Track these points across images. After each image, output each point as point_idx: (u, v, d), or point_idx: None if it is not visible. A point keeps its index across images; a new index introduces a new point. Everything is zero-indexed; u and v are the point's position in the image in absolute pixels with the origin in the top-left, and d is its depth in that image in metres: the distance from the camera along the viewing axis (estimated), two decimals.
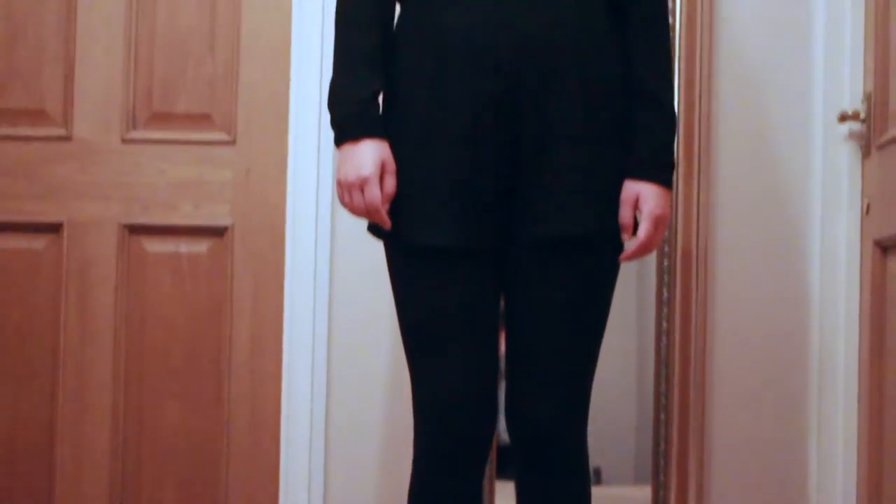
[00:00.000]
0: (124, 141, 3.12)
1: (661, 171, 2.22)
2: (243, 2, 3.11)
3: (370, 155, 2.14)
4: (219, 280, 3.11)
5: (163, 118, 3.13)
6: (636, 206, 2.20)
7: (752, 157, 3.00)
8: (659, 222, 2.20)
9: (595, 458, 2.36)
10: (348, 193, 2.16)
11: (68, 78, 3.13)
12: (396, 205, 2.17)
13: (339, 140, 2.18)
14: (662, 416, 2.97)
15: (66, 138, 3.13)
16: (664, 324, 2.96)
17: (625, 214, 2.21)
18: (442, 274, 2.17)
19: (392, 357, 2.98)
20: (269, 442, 3.08)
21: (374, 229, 2.24)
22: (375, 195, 2.14)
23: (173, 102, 3.14)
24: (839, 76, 2.92)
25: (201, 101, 3.13)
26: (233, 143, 3.11)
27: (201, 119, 3.12)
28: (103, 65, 3.13)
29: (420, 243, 2.17)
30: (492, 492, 2.98)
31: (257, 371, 3.10)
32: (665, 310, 2.96)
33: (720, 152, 2.99)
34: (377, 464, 3.01)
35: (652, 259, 2.97)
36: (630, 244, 2.22)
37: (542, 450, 2.23)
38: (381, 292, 2.79)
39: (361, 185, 2.14)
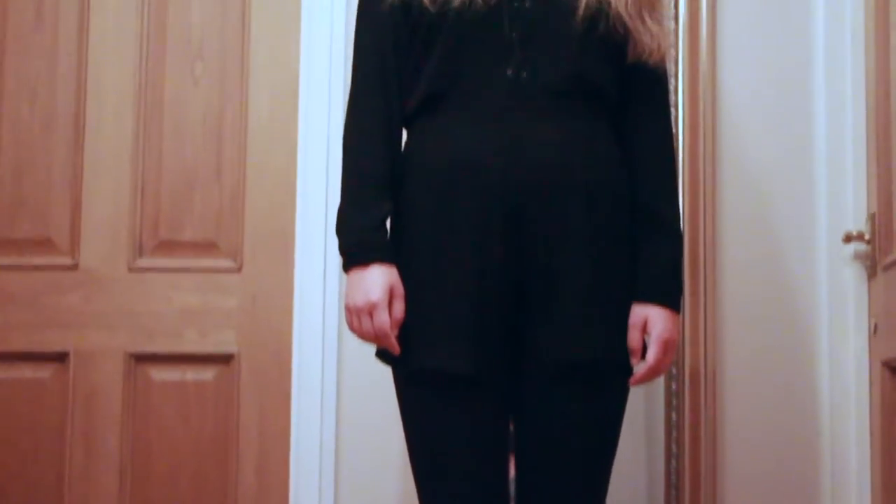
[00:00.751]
0: (131, 269, 3.13)
1: (668, 295, 2.22)
2: (249, 133, 3.14)
3: (379, 280, 2.14)
4: (225, 407, 3.10)
5: (169, 246, 3.15)
6: (644, 329, 2.20)
7: (759, 276, 2.99)
8: (668, 346, 2.20)
9: None
10: (357, 319, 2.16)
11: (75, 207, 3.15)
12: (405, 330, 2.17)
13: (348, 266, 2.19)
14: None
15: (73, 267, 3.13)
16: (673, 447, 2.93)
17: (633, 338, 2.20)
18: (451, 400, 2.16)
19: (402, 483, 2.95)
20: None
21: (383, 355, 2.23)
22: (384, 321, 2.13)
23: (180, 230, 3.15)
24: (843, 196, 2.94)
25: (208, 228, 3.14)
26: (239, 270, 3.12)
27: (208, 247, 3.13)
28: (110, 194, 3.15)
29: (429, 370, 2.16)
30: None
31: (264, 500, 3.06)
32: (674, 433, 2.93)
33: (726, 272, 2.98)
34: None
35: (660, 382, 2.96)
36: (639, 368, 2.22)
37: None
38: (389, 419, 2.77)
39: (370, 310, 2.14)
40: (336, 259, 2.21)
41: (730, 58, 3.02)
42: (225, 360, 3.10)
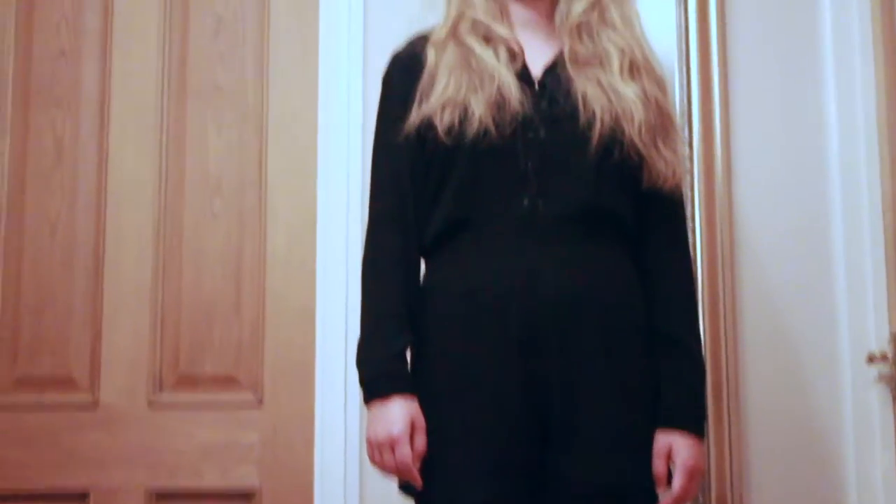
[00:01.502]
0: (151, 405, 3.12)
1: (692, 421, 2.20)
2: (268, 266, 3.15)
3: (400, 413, 2.13)
4: None
5: (189, 381, 3.14)
6: (669, 457, 2.17)
7: (782, 401, 2.96)
8: (693, 474, 2.17)
9: None
10: (378, 452, 2.14)
11: (95, 344, 3.15)
12: (427, 462, 2.14)
13: (369, 398, 2.17)
14: None
15: (93, 405, 3.12)
16: None
17: (658, 466, 2.17)
18: None
19: None
20: None
21: (406, 488, 2.21)
22: (406, 454, 2.11)
23: (200, 365, 3.14)
24: (864, 315, 2.93)
25: (228, 363, 3.13)
26: (259, 404, 3.11)
27: (228, 381, 3.13)
28: (130, 330, 3.15)
29: (453, 502, 2.13)
30: None
31: None
32: None
33: (749, 398, 2.95)
34: None
35: None
36: (665, 496, 2.19)
37: None
38: None
39: (392, 444, 2.12)
40: (357, 390, 2.20)
41: (745, 181, 3.03)
42: (246, 496, 3.07)
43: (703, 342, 2.73)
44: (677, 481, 2.16)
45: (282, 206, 3.17)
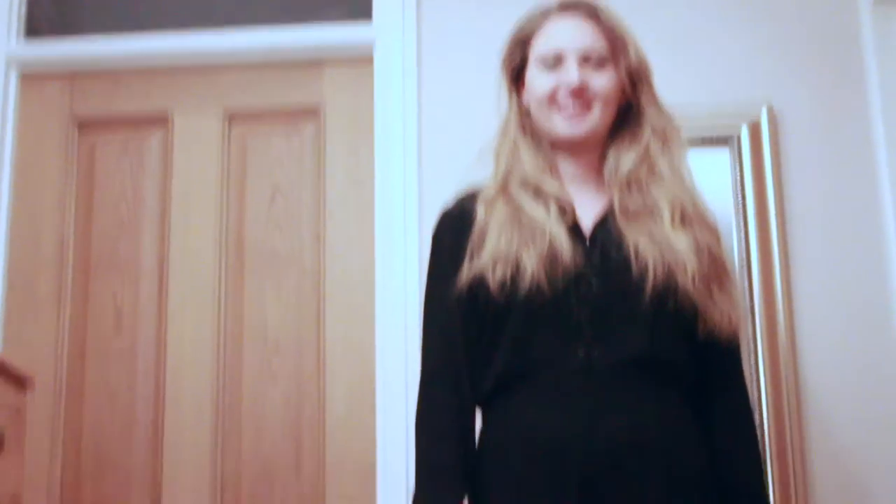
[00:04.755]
0: None
1: None
2: (327, 426, 3.15)
3: None
4: None
5: None
6: None
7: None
8: None
9: None
10: None
11: None
12: None
13: None
14: None
15: None
16: None
17: None
18: None
19: None
20: None
21: None
22: None
23: None
24: None
25: None
26: None
27: None
28: (190, 492, 3.16)
29: None
30: None
31: None
32: None
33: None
34: None
35: None
36: None
37: None
38: None
39: None
40: None
41: (808, 332, 3.01)
42: None
43: (772, 494, 2.70)
44: None
45: (340, 365, 3.19)
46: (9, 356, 2.95)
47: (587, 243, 2.21)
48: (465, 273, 2.20)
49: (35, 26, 3.46)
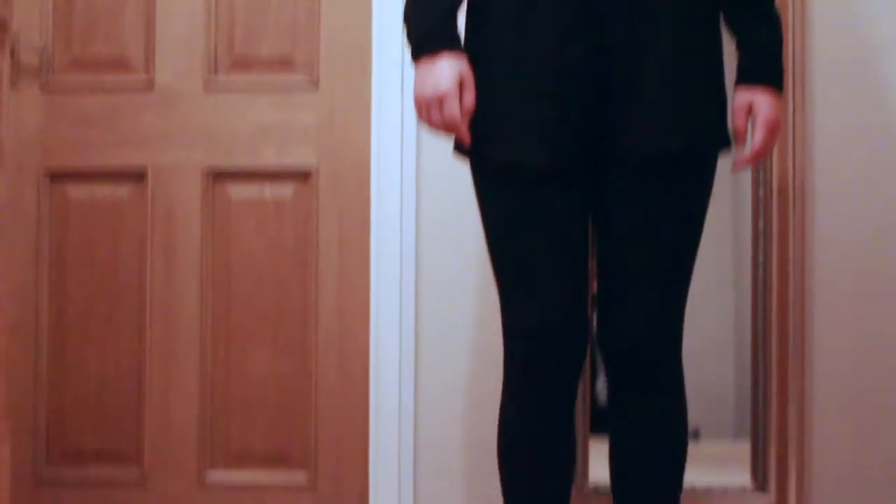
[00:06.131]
0: (206, 86, 3.09)
1: (773, 75, 2.20)
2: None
3: (448, 69, 2.09)
4: (304, 224, 3.07)
5: (245, 63, 3.10)
6: (749, 112, 2.16)
7: (853, 82, 2.91)
8: (773, 128, 2.17)
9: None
10: (426, 109, 2.11)
11: (149, 25, 3.10)
12: (480, 124, 2.12)
13: (417, 54, 2.13)
14: (761, 356, 2.88)
15: (148, 85, 3.10)
16: (760, 257, 2.89)
17: (738, 121, 2.18)
18: (529, 195, 2.12)
19: (481, 293, 2.91)
20: (358, 383, 3.03)
21: (460, 148, 2.20)
22: (454, 110, 2.09)
23: (255, 47, 3.10)
24: None
25: (283, 44, 3.09)
26: (316, 85, 3.08)
27: (284, 63, 3.09)
28: (184, 10, 3.10)
29: (505, 162, 2.12)
30: (585, 450, 2.89)
31: (345, 312, 3.04)
32: (761, 241, 2.88)
33: (816, 79, 2.91)
34: (467, 398, 2.94)
35: (747, 192, 2.93)
36: (738, 153, 2.19)
37: (638, 371, 2.18)
38: (468, 230, 2.78)
39: (440, 100, 2.09)
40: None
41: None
42: (303, 176, 3.07)
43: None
44: (759, 137, 2.17)
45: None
46: None
47: None
48: None
49: None
